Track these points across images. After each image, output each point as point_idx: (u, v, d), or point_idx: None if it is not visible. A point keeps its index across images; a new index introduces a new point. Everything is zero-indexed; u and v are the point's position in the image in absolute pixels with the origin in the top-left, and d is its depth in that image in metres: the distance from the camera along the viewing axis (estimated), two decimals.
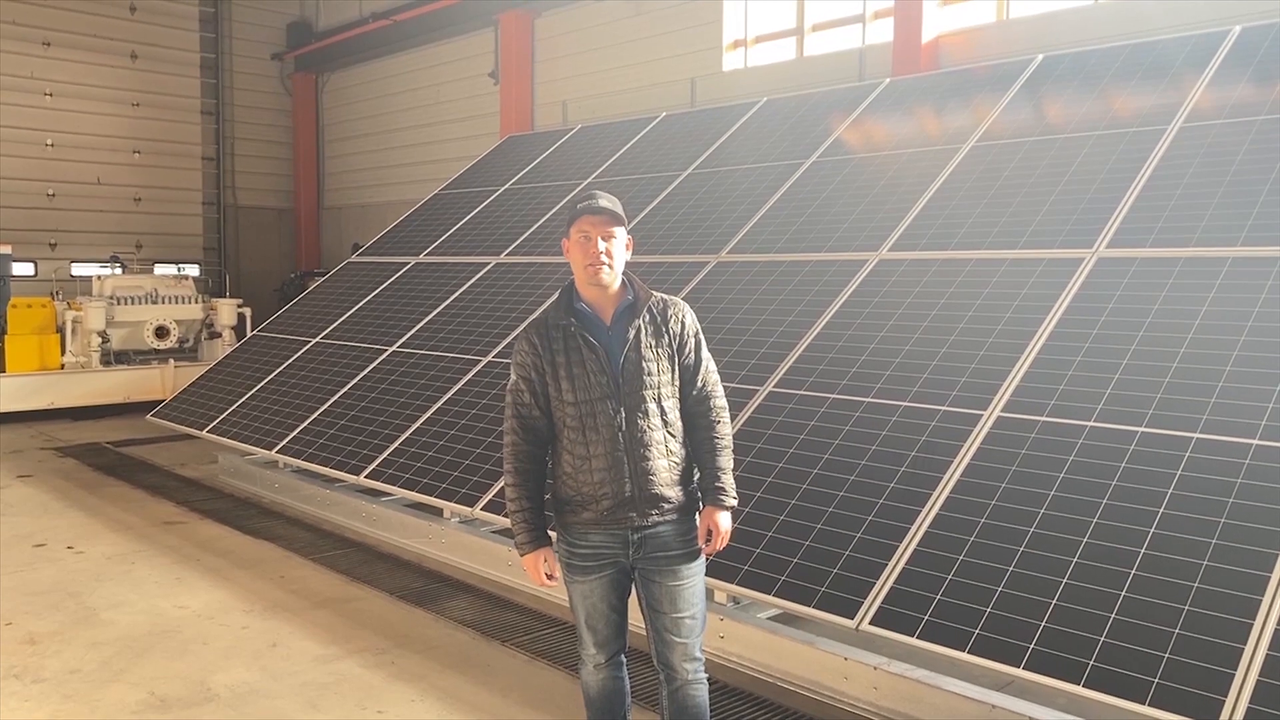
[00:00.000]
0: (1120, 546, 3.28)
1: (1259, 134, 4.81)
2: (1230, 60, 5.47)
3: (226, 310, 11.45)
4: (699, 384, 2.82)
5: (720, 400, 2.86)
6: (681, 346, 2.80)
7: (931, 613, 3.37)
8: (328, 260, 16.04)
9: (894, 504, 3.86)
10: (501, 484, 5.10)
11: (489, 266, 7.65)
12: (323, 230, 16.87)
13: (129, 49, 14.87)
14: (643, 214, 7.13)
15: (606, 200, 2.76)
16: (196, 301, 11.43)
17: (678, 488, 2.76)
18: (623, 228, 2.77)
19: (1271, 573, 3.00)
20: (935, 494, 3.81)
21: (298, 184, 16.81)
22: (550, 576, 2.81)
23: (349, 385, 6.89)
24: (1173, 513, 3.31)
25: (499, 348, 6.40)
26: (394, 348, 7.12)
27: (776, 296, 5.46)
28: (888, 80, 7.35)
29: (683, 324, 2.81)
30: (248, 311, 11.50)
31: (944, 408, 4.19)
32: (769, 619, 4.01)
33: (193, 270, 15.14)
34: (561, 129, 10.00)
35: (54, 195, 14.26)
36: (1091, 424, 3.78)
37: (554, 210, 7.99)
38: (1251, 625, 2.89)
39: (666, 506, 2.74)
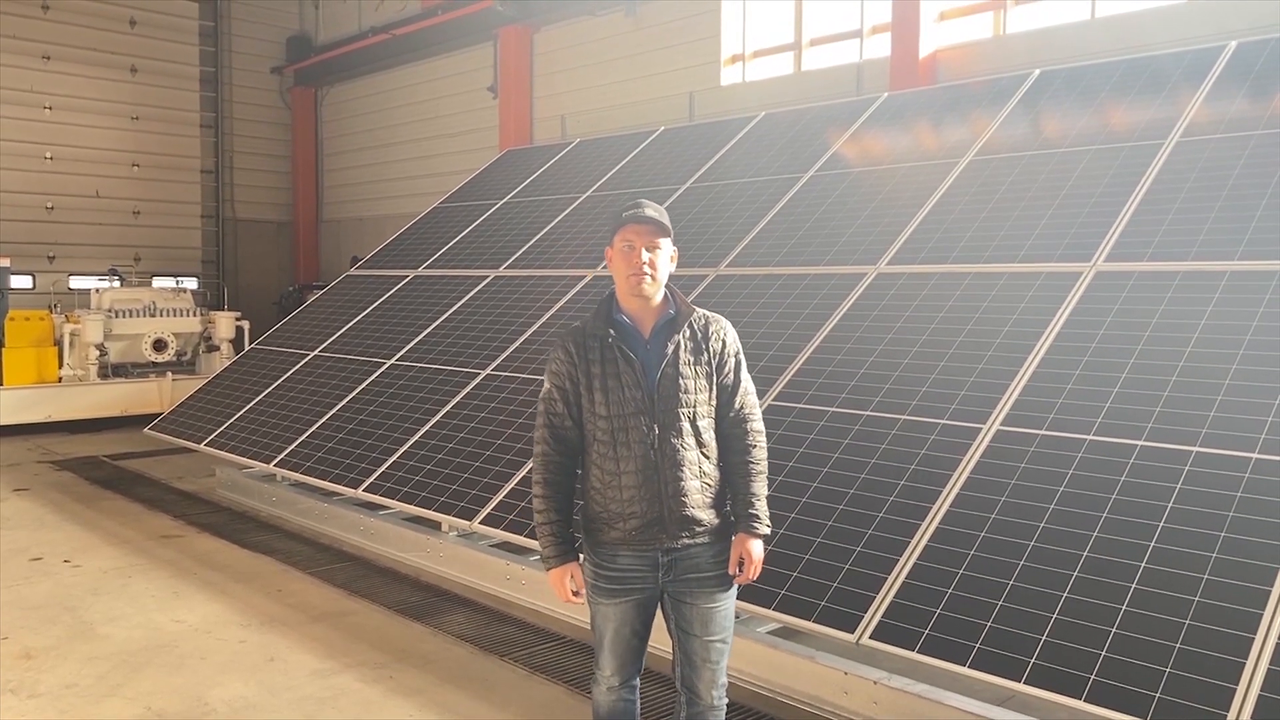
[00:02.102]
0: (1120, 560, 3.28)
1: (1256, 148, 4.83)
2: (1226, 75, 5.50)
3: (225, 323, 11.45)
4: (737, 405, 2.73)
5: (758, 424, 2.76)
6: (721, 365, 2.71)
7: (932, 627, 3.36)
8: (326, 273, 16.05)
9: (894, 518, 3.86)
10: (498, 499, 5.10)
11: (488, 279, 7.66)
12: (321, 243, 16.89)
13: (128, 63, 14.93)
14: None
15: (653, 209, 2.68)
16: (194, 314, 11.43)
17: (710, 510, 2.67)
18: (668, 239, 2.69)
19: (1272, 586, 2.99)
20: (935, 507, 3.80)
21: (296, 197, 16.85)
22: (576, 594, 2.70)
23: (347, 398, 6.88)
24: (1173, 526, 3.31)
25: (498, 361, 6.40)
26: (393, 361, 7.12)
27: (775, 310, 5.46)
28: (885, 95, 7.38)
29: (724, 342, 2.73)
30: (246, 324, 11.50)
31: (943, 421, 4.18)
32: (769, 633, 4.00)
33: (191, 283, 15.14)
34: (560, 143, 10.03)
35: (52, 208, 14.28)
36: (1090, 438, 3.78)
37: (553, 223, 8.01)
38: (1253, 639, 2.89)
39: (698, 529, 2.64)
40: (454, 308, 7.48)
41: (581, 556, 2.77)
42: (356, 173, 16.04)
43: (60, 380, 10.43)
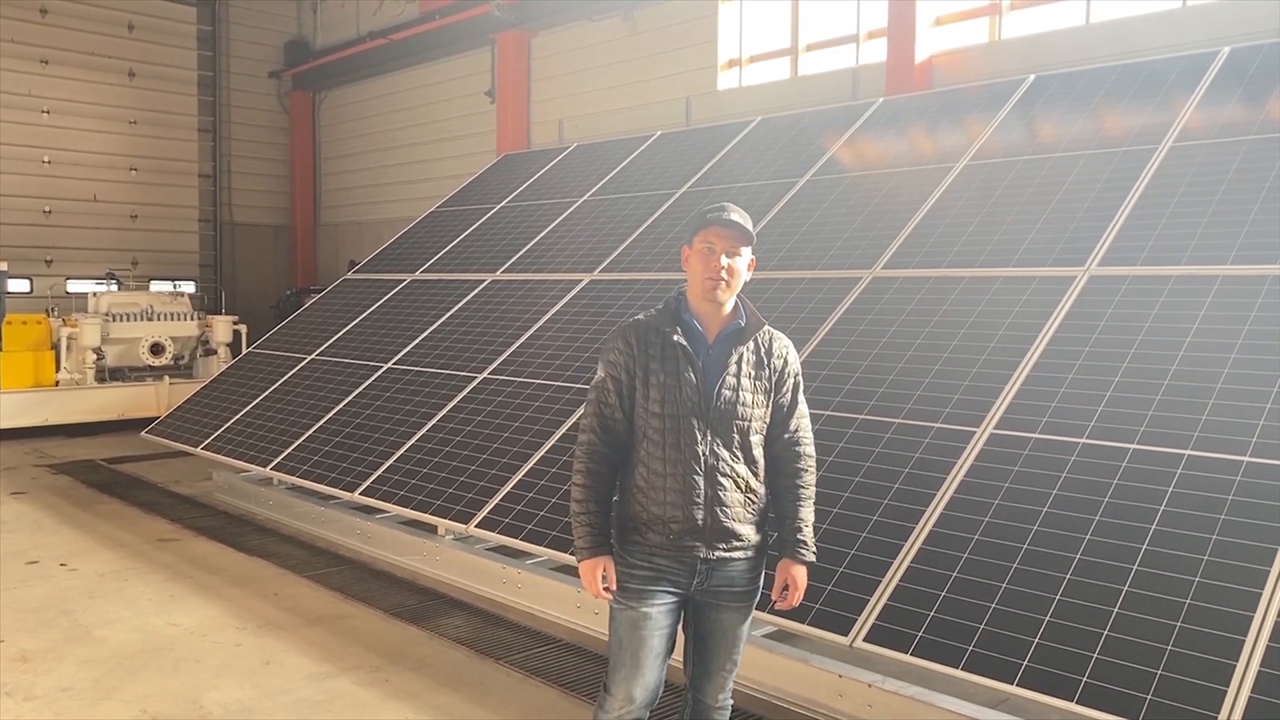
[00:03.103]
0: (1113, 563, 3.29)
1: (1248, 153, 4.85)
2: (1220, 80, 5.52)
3: (222, 327, 11.46)
4: (791, 427, 2.70)
5: (809, 448, 2.73)
6: (780, 384, 2.67)
7: (925, 630, 3.38)
8: (324, 277, 16.07)
9: (888, 520, 3.87)
10: (494, 502, 5.11)
11: (485, 283, 7.67)
12: (319, 247, 16.91)
13: (127, 67, 14.94)
14: (637, 232, 7.16)
15: (738, 214, 2.60)
16: (192, 318, 11.43)
17: (751, 527, 2.63)
18: (749, 246, 2.62)
19: (1263, 589, 3.01)
20: (929, 510, 3.82)
21: (294, 201, 16.86)
22: (607, 589, 2.61)
23: (344, 402, 6.89)
24: (1165, 529, 3.33)
25: (494, 364, 6.41)
26: (389, 364, 7.13)
27: (770, 314, 5.46)
28: (881, 99, 7.41)
29: (785, 361, 2.68)
30: (243, 328, 11.51)
31: (937, 425, 4.20)
32: (763, 636, 4.01)
33: (188, 287, 15.17)
34: (557, 147, 10.05)
35: (50, 212, 14.28)
36: (1084, 441, 3.79)
37: (550, 227, 8.02)
38: (1244, 641, 2.90)
39: (736, 543, 2.60)
40: (451, 311, 7.49)
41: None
42: (354, 177, 16.06)
43: (57, 384, 10.43)
